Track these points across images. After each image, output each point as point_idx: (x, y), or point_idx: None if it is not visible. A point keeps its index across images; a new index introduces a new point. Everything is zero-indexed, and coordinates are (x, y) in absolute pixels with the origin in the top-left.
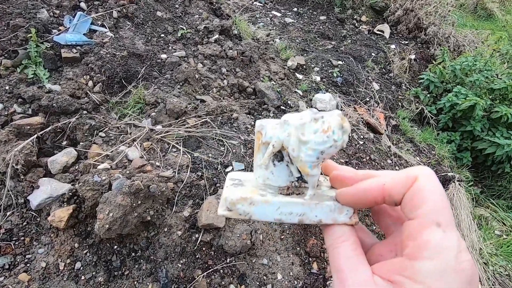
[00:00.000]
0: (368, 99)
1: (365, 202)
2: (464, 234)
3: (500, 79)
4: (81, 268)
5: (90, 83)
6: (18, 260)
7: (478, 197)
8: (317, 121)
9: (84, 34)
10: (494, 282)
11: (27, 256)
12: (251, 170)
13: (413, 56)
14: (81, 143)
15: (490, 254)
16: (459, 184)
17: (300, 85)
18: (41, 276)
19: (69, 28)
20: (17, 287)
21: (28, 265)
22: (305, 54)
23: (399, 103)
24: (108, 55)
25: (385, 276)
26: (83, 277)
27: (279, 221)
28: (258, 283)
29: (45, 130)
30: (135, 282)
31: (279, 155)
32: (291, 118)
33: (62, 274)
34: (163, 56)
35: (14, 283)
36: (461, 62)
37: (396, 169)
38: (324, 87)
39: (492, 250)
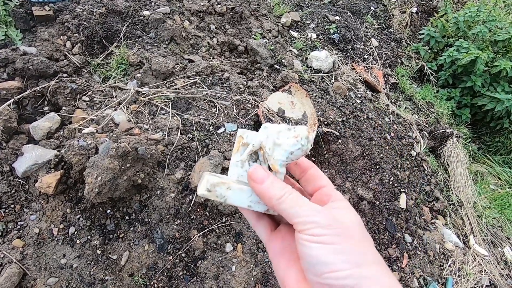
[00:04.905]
0: (366, 56)
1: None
2: (459, 189)
3: (502, 29)
4: (75, 232)
5: (68, 44)
6: (10, 227)
7: (475, 153)
8: (290, 130)
9: None
10: (486, 233)
11: (19, 223)
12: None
13: (414, 9)
14: (64, 108)
15: (484, 207)
16: (457, 140)
17: (295, 43)
18: (35, 241)
19: None
20: (12, 252)
21: (21, 231)
22: (300, 10)
23: (399, 60)
24: (85, 13)
25: (315, 201)
26: (78, 241)
27: (250, 208)
28: (254, 241)
29: (22, 95)
30: (131, 244)
31: (254, 157)
32: (270, 126)
33: (56, 239)
34: (146, 12)
35: (8, 249)
36: (464, 14)
37: (393, 128)
38: (320, 44)
39: (486, 203)
